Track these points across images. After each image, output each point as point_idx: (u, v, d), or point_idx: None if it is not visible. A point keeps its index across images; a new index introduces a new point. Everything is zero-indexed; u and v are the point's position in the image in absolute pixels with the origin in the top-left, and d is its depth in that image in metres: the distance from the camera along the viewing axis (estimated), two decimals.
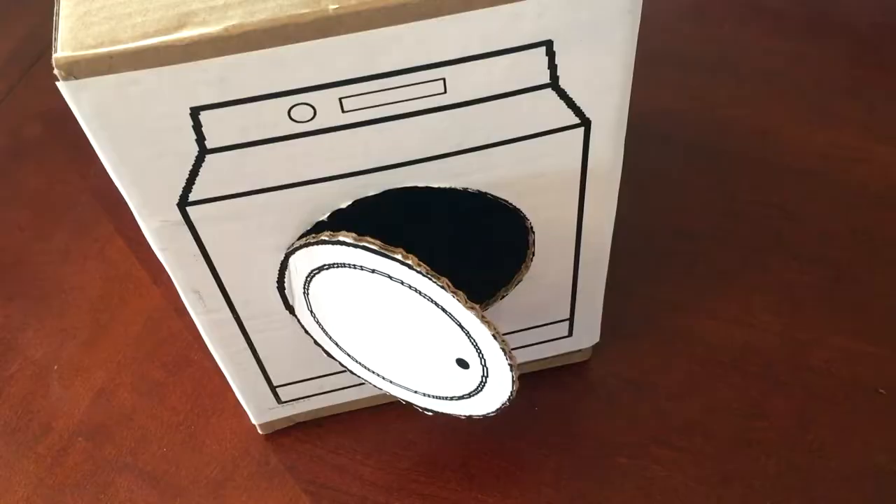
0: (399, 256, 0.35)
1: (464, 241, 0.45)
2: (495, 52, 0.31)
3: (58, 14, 0.30)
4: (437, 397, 0.44)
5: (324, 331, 0.42)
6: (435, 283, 0.36)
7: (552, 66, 0.33)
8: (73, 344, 0.56)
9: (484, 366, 0.39)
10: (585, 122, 0.36)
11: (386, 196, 0.36)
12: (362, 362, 0.44)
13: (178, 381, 0.54)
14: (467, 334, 0.38)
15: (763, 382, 0.51)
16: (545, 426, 0.50)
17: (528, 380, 0.48)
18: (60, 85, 0.29)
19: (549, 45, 0.32)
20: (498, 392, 0.41)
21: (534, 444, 0.49)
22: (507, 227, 0.41)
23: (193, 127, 0.31)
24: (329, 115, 0.32)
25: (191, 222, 0.35)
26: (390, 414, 0.51)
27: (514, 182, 0.37)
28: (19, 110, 0.71)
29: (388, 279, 0.37)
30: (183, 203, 0.34)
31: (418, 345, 0.41)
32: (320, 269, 0.38)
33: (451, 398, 0.43)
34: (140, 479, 0.50)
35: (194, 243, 0.36)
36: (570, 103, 0.34)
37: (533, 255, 0.42)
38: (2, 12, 0.79)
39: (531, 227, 0.40)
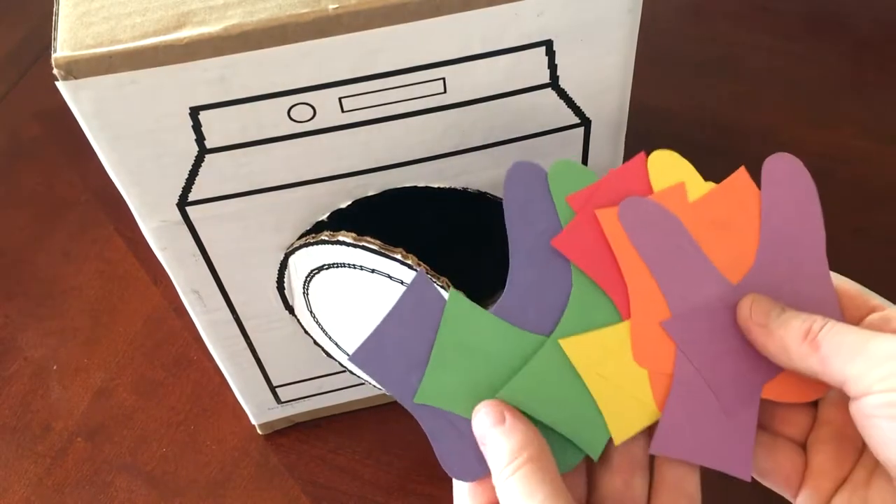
0: (399, 256, 0.35)
1: (463, 240, 0.45)
2: (495, 51, 0.31)
3: (57, 14, 0.30)
4: None
5: (323, 331, 0.42)
6: (435, 282, 0.36)
7: (552, 66, 0.33)
8: (72, 344, 0.56)
9: None
10: (585, 122, 0.36)
11: (386, 196, 0.36)
12: None
13: (177, 381, 0.54)
14: None
15: None
16: None
17: None
18: (60, 85, 0.29)
19: (548, 44, 0.32)
20: None
21: None
22: None
23: (193, 127, 0.31)
24: (329, 114, 0.32)
25: (190, 222, 0.35)
26: (390, 414, 0.50)
27: None
28: (19, 110, 0.71)
29: (388, 279, 0.37)
30: (182, 203, 0.34)
31: None
32: (320, 268, 0.38)
33: None
34: (140, 479, 0.50)
35: (194, 243, 0.36)
36: (570, 103, 0.34)
37: None
38: (1, 12, 0.79)
39: None
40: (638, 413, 0.31)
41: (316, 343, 0.44)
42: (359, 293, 0.39)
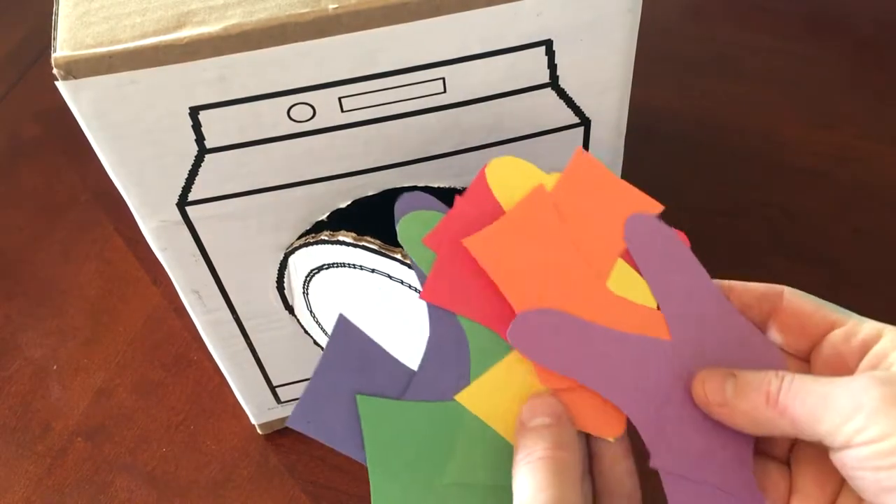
0: (399, 256, 0.35)
1: None
2: (495, 51, 0.31)
3: (57, 14, 0.30)
4: None
5: (323, 331, 0.42)
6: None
7: (552, 66, 0.33)
8: (72, 344, 0.56)
9: None
10: (585, 122, 0.36)
11: (386, 196, 0.36)
12: None
13: (177, 381, 0.54)
14: None
15: None
16: None
17: None
18: (60, 85, 0.29)
19: (548, 44, 0.32)
20: None
21: None
22: None
23: (193, 126, 0.31)
24: (328, 114, 0.32)
25: (190, 222, 0.35)
26: None
27: None
28: (18, 110, 0.71)
29: (388, 279, 0.37)
30: (182, 203, 0.34)
31: (418, 344, 0.41)
32: (320, 268, 0.38)
33: None
34: (140, 479, 0.50)
35: (194, 243, 0.36)
36: (570, 103, 0.34)
37: None
38: (1, 12, 0.79)
39: None
40: None
41: (316, 343, 0.44)
42: (359, 293, 0.39)
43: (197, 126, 0.31)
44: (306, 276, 0.39)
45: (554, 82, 0.33)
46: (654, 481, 0.30)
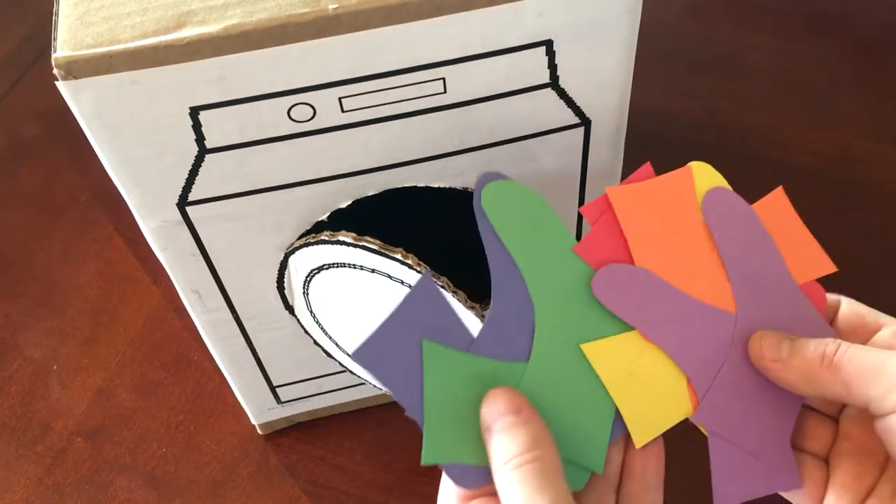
0: (399, 256, 0.35)
1: (463, 240, 0.45)
2: (495, 51, 0.31)
3: (57, 14, 0.30)
4: None
5: (323, 331, 0.42)
6: (435, 282, 0.36)
7: (552, 66, 0.33)
8: (72, 344, 0.56)
9: None
10: (585, 122, 0.36)
11: (386, 196, 0.36)
12: None
13: (177, 381, 0.54)
14: None
15: None
16: None
17: None
18: (60, 85, 0.29)
19: (548, 44, 0.32)
20: None
21: None
22: None
23: (193, 126, 0.31)
24: (329, 114, 0.32)
25: (190, 222, 0.35)
26: (390, 414, 0.50)
27: None
28: (19, 110, 0.71)
29: (388, 279, 0.37)
30: (182, 203, 0.34)
31: None
32: (320, 268, 0.38)
33: None
34: (139, 479, 0.50)
35: (194, 243, 0.36)
36: (570, 103, 0.34)
37: None
38: (1, 12, 0.79)
39: None
40: (667, 411, 0.31)
41: (316, 343, 0.44)
42: (359, 293, 0.39)
43: (197, 126, 0.31)
44: (306, 276, 0.39)
45: (554, 82, 0.33)
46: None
